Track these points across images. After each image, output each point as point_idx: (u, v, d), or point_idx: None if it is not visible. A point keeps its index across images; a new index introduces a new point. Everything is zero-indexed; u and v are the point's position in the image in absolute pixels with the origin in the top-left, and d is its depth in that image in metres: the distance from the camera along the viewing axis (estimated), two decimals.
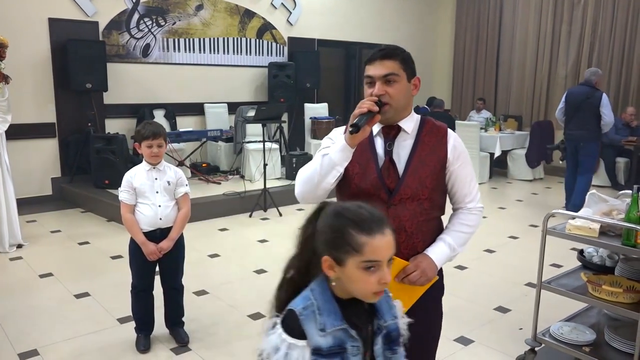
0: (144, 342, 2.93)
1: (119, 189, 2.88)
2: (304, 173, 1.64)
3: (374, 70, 1.62)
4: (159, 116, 6.90)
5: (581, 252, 2.95)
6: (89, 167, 6.32)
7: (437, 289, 1.77)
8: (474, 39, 9.83)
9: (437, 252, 1.68)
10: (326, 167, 1.58)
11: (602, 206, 2.64)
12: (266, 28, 8.03)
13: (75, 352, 2.90)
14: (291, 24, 8.28)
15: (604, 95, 5.77)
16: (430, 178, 1.66)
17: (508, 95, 9.48)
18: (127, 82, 6.74)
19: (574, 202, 5.72)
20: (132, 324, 3.04)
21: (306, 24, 8.44)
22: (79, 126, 6.38)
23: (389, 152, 1.67)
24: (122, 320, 3.26)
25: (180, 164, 6.52)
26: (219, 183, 6.59)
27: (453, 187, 1.74)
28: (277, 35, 8.16)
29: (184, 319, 3.09)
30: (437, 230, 1.75)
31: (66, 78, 6.16)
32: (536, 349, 2.73)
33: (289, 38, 8.30)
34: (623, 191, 2.86)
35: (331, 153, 1.58)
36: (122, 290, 3.59)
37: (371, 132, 1.66)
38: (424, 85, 10.53)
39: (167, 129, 6.91)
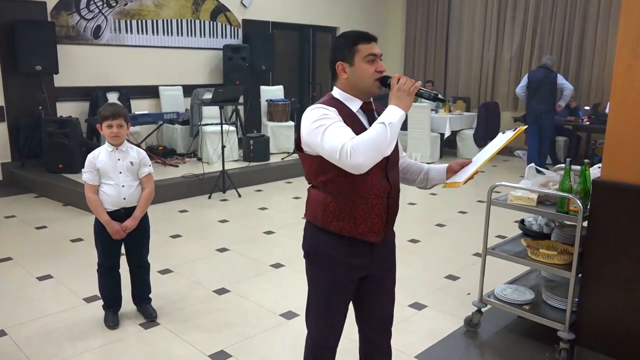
0: (112, 318, 3.01)
1: (82, 169, 2.93)
2: (366, 143, 1.65)
3: (376, 49, 1.80)
4: (113, 99, 6.79)
5: (522, 221, 3.23)
6: (40, 151, 6.20)
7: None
8: (425, 23, 10.09)
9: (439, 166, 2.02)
10: (394, 134, 1.69)
11: (539, 178, 2.90)
12: (220, 10, 8.00)
13: (43, 330, 2.95)
14: (245, 6, 8.28)
15: (559, 75, 7.19)
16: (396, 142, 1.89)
17: (457, 77, 9.83)
18: (78, 65, 6.60)
19: (540, 164, 6.63)
20: (99, 302, 3.11)
21: (260, 6, 8.44)
22: (29, 110, 6.23)
23: None
24: (88, 300, 3.31)
25: (137, 147, 6.47)
26: (177, 166, 6.61)
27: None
28: (231, 17, 8.14)
29: (151, 295, 3.18)
30: None
31: (14, 60, 5.99)
32: (482, 309, 2.99)
33: (243, 20, 8.30)
34: (558, 165, 3.14)
35: (394, 122, 1.68)
36: (86, 271, 3.65)
37: (350, 109, 1.81)
38: None
39: None
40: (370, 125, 1.78)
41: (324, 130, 1.70)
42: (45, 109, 6.23)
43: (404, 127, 7.76)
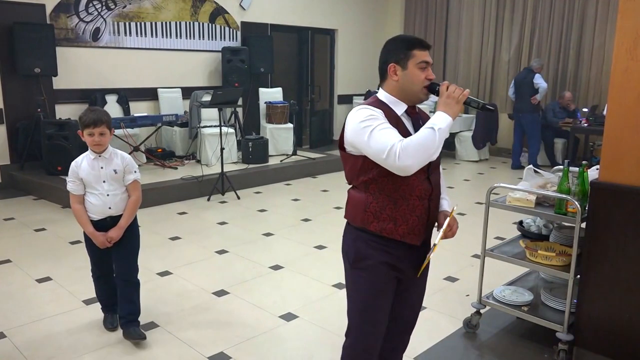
0: (111, 319, 3.00)
1: (67, 178, 2.79)
2: (415, 146, 1.68)
3: (429, 58, 1.83)
4: (112, 101, 6.81)
5: (520, 222, 3.23)
6: (39, 153, 6.20)
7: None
8: (423, 24, 10.11)
9: (448, 207, 1.99)
10: (442, 139, 1.72)
11: (538, 180, 2.92)
12: (219, 12, 8.01)
13: (42, 332, 2.95)
14: (244, 9, 8.29)
15: (537, 74, 7.65)
16: None
17: (455, 79, 9.82)
18: (77, 67, 6.61)
19: (530, 163, 7.34)
20: (99, 305, 3.10)
21: (258, 8, 8.46)
22: (28, 112, 6.23)
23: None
24: (88, 302, 3.31)
25: (136, 149, 6.49)
26: (176, 168, 6.61)
27: None
28: (229, 19, 8.15)
29: (139, 318, 2.93)
30: None
31: (13, 62, 6.00)
32: (481, 311, 3.00)
33: (242, 23, 8.31)
34: (557, 167, 3.16)
35: (443, 128, 1.71)
36: (85, 274, 3.63)
37: (395, 112, 1.83)
38: (374, 70, 10.74)
39: (121, 114, 6.84)
40: (414, 129, 1.84)
41: (371, 130, 1.72)
42: (44, 111, 6.23)
43: None
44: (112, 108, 6.71)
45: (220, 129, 5.99)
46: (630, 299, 2.45)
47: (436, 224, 1.96)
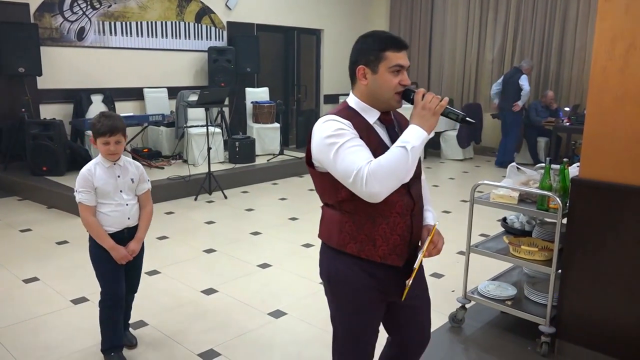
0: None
1: (75, 188, 2.51)
2: (384, 170, 1.50)
3: (405, 60, 1.62)
4: (97, 101, 6.77)
5: (504, 219, 3.30)
6: (24, 154, 6.15)
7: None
8: (408, 25, 10.20)
9: (432, 221, 1.81)
10: (415, 159, 1.53)
11: (521, 177, 2.98)
12: (205, 12, 8.01)
13: (32, 332, 2.94)
14: (230, 9, 8.29)
15: (524, 75, 7.74)
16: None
17: (440, 79, 9.94)
18: (62, 67, 6.56)
19: (505, 159, 7.79)
20: (87, 304, 3.12)
21: (245, 8, 8.47)
22: (12, 112, 6.17)
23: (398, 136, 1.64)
24: (76, 302, 3.31)
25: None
26: (162, 168, 6.60)
27: None
28: (215, 19, 8.15)
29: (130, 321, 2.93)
30: None
31: None
32: (466, 305, 3.06)
33: (228, 22, 8.31)
34: (539, 164, 3.23)
35: (417, 146, 1.53)
36: (72, 273, 3.68)
37: (366, 121, 1.64)
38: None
39: None
40: (389, 137, 1.67)
41: (337, 148, 1.54)
42: (29, 111, 6.18)
43: None
44: (98, 108, 6.67)
45: (207, 129, 5.99)
46: (609, 292, 2.52)
47: (420, 240, 1.77)
